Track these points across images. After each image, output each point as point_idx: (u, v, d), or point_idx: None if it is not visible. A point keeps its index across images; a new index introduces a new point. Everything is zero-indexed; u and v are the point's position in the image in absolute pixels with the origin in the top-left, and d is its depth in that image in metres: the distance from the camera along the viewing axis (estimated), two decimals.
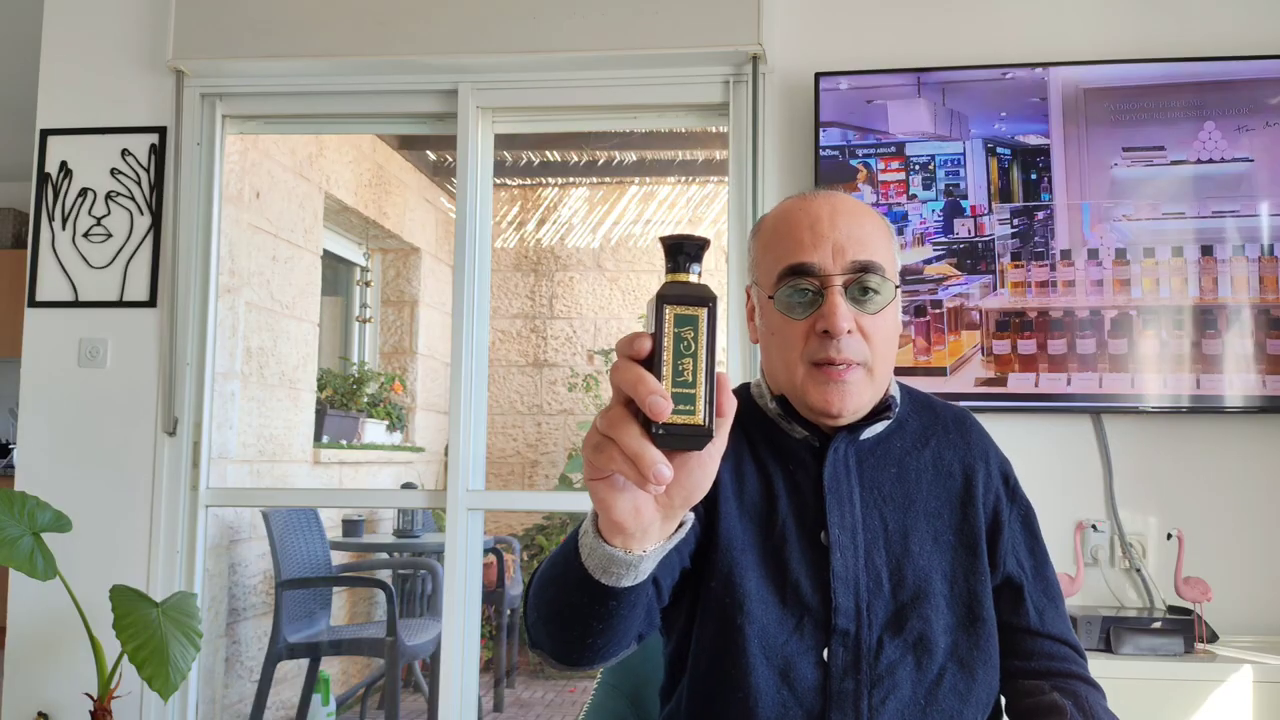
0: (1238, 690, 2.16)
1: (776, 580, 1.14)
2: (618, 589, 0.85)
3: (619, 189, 6.13)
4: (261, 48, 2.81)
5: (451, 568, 2.75)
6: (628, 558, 0.80)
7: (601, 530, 0.79)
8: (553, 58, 2.75)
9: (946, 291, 2.57)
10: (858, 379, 1.14)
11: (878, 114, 2.63)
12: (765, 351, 1.22)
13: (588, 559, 0.83)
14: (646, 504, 0.75)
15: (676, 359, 0.69)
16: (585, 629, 0.93)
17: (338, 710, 3.91)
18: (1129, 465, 2.55)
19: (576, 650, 0.97)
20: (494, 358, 6.04)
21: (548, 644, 1.00)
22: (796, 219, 1.18)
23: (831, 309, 1.12)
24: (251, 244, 3.81)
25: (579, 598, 0.88)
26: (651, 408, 0.67)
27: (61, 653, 2.77)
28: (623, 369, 0.69)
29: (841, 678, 1.12)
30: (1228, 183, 2.51)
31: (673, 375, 0.69)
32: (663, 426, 0.68)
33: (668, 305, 0.69)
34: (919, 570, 1.16)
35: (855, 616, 1.13)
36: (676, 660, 1.21)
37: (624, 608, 0.89)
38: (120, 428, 2.83)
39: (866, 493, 1.19)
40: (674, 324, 0.69)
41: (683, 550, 1.12)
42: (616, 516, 0.75)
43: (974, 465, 1.23)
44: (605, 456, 0.70)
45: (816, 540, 1.16)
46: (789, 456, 1.21)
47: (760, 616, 1.12)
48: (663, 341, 0.69)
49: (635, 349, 0.69)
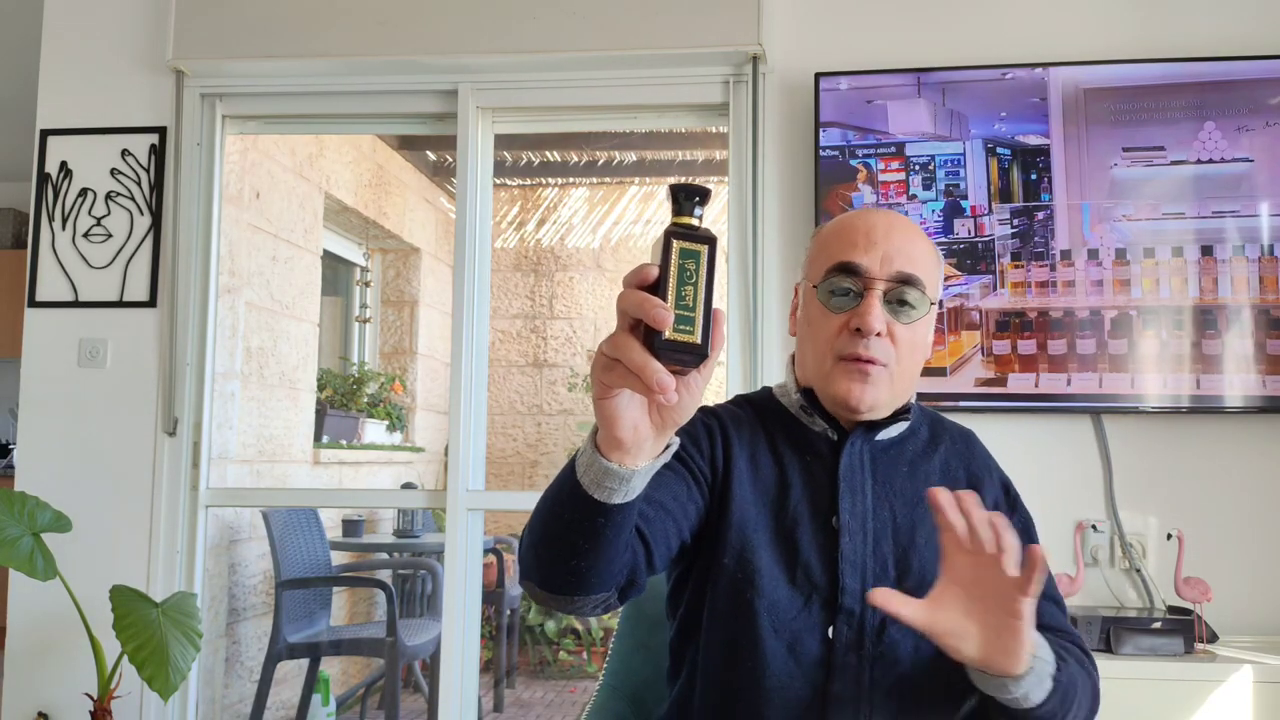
0: (1238, 690, 2.16)
1: (787, 560, 1.21)
2: (608, 505, 0.91)
3: (619, 189, 6.13)
4: (261, 48, 2.81)
5: (451, 568, 2.75)
6: (622, 471, 0.87)
7: (600, 446, 0.87)
8: (553, 58, 2.75)
9: (946, 292, 2.57)
10: (880, 377, 1.21)
11: (878, 114, 2.63)
12: (801, 343, 1.30)
13: (584, 474, 0.90)
14: (644, 421, 0.84)
15: (680, 285, 0.77)
16: (571, 548, 0.98)
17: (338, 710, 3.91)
18: (1129, 465, 2.55)
19: (560, 574, 1.01)
20: (494, 358, 6.04)
21: (535, 568, 1.04)
22: (855, 224, 1.26)
23: (867, 309, 1.20)
24: (251, 244, 3.81)
25: (570, 513, 0.94)
26: (655, 318, 0.75)
27: (61, 653, 2.77)
28: (629, 294, 0.77)
29: (845, 653, 1.18)
30: (1228, 183, 2.51)
31: (675, 300, 0.77)
32: (663, 341, 0.76)
33: (675, 239, 0.77)
34: (924, 560, 1.22)
35: (861, 598, 1.19)
36: (684, 634, 1.26)
37: (610, 529, 0.94)
38: (120, 428, 2.83)
39: (879, 486, 1.25)
40: (679, 256, 0.77)
41: (681, 523, 1.18)
42: (619, 432, 0.83)
43: (979, 475, 1.31)
44: (614, 374, 0.78)
45: (828, 525, 1.22)
46: (806, 448, 1.27)
47: (770, 592, 1.19)
48: (668, 270, 0.77)
49: (642, 275, 0.78)
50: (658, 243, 0.78)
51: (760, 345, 2.63)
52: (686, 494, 1.19)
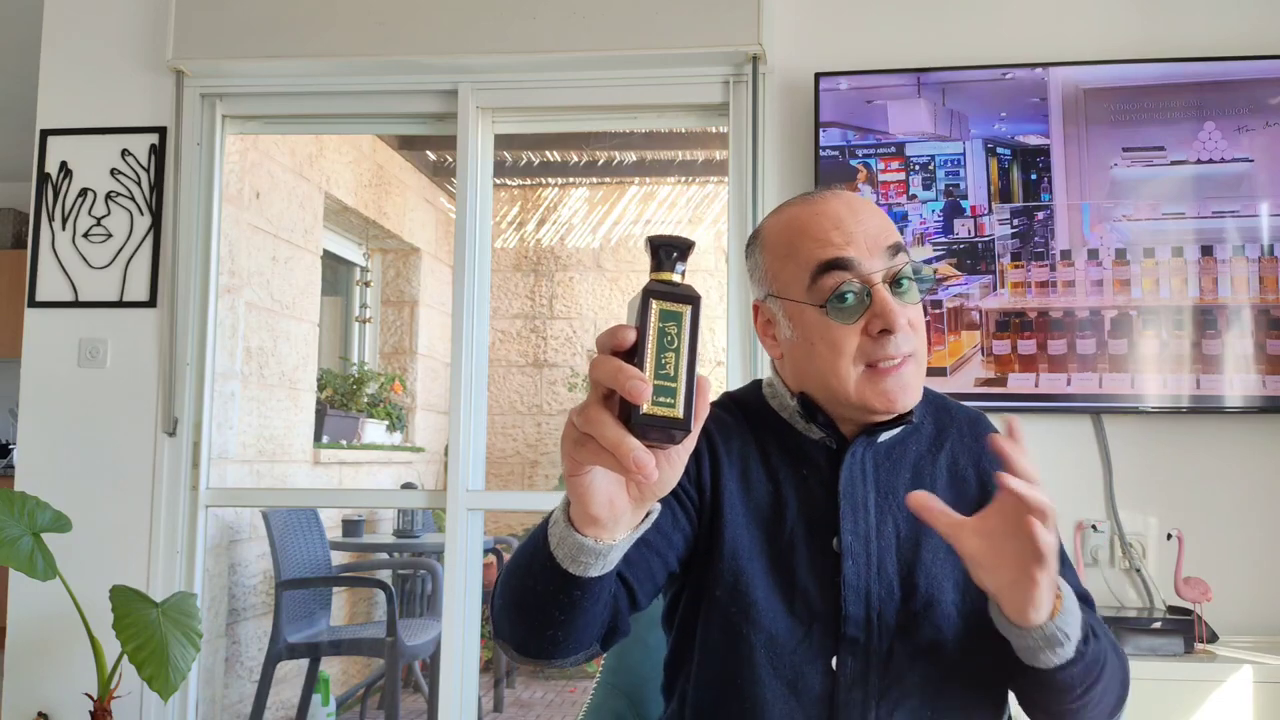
0: (1238, 690, 2.15)
1: (784, 588, 1.12)
2: (584, 579, 0.86)
3: (619, 189, 6.13)
4: (261, 48, 2.81)
5: (451, 568, 2.75)
6: (598, 547, 0.82)
7: (574, 520, 0.81)
8: (553, 58, 2.75)
9: (946, 292, 2.57)
10: (911, 371, 1.12)
11: (878, 114, 2.63)
12: (800, 363, 1.15)
13: (557, 548, 0.85)
14: (620, 496, 0.78)
15: (659, 352, 0.70)
16: (547, 619, 0.93)
17: (338, 710, 3.91)
18: (1129, 465, 2.55)
19: (535, 641, 0.97)
20: (494, 358, 6.04)
21: (509, 632, 1.00)
22: (813, 220, 1.14)
23: (886, 307, 1.09)
24: (251, 244, 3.81)
25: (544, 585, 0.89)
26: (631, 391, 0.68)
27: (61, 653, 2.77)
28: (603, 362, 0.70)
29: (850, 687, 1.10)
30: (1228, 183, 2.51)
31: (655, 368, 0.70)
32: (642, 416, 0.69)
33: (654, 299, 0.71)
34: (931, 578, 1.13)
35: (865, 625, 1.11)
36: (676, 662, 1.20)
37: (587, 599, 0.90)
38: (120, 428, 2.83)
39: (881, 498, 1.16)
40: (659, 318, 0.71)
41: (667, 556, 1.11)
42: (593, 510, 0.78)
43: (988, 469, 1.20)
44: (586, 450, 0.71)
45: (827, 547, 1.13)
46: (802, 459, 1.18)
47: (768, 625, 1.11)
48: (647, 334, 0.70)
49: (617, 340, 0.70)
50: (635, 301, 0.72)
51: (759, 351, 2.62)
52: (672, 523, 1.11)
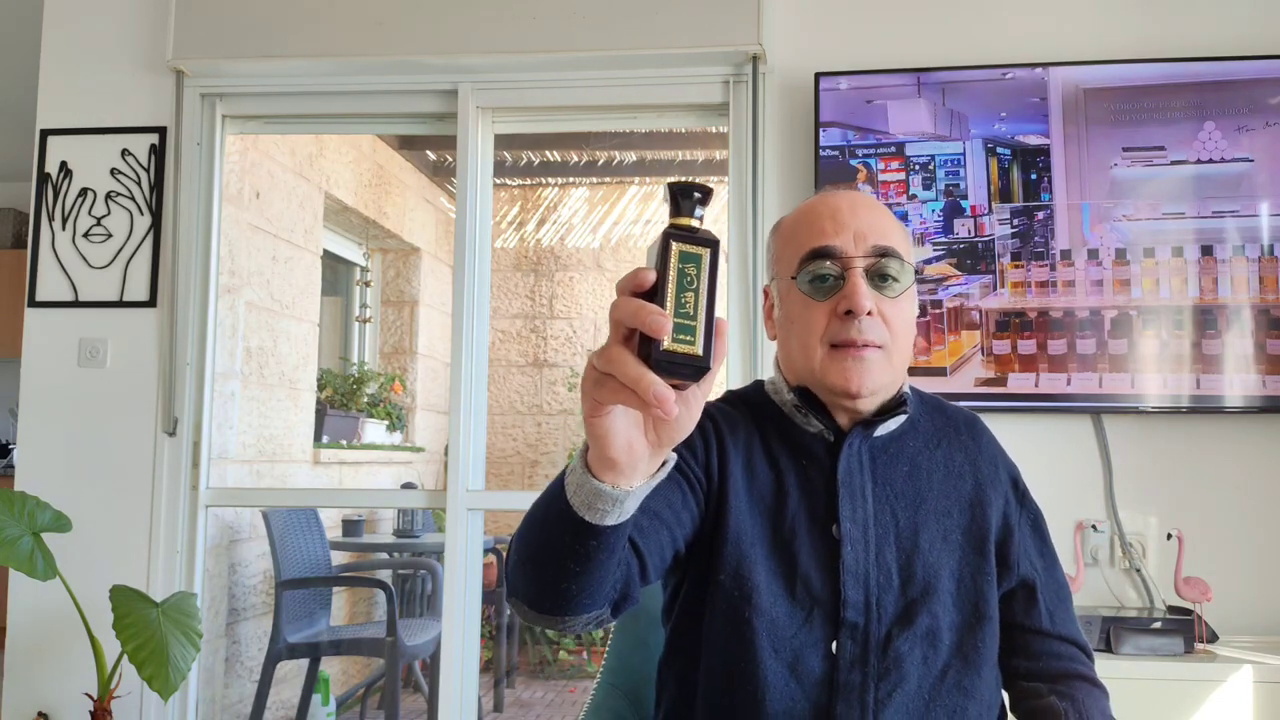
0: (1238, 690, 2.16)
1: (785, 573, 1.16)
2: (599, 527, 0.86)
3: (619, 189, 6.13)
4: (261, 48, 2.81)
5: (451, 568, 2.75)
6: (615, 493, 0.81)
7: (591, 466, 0.81)
8: (553, 58, 2.75)
9: (946, 292, 2.57)
10: (876, 359, 1.17)
11: (878, 114, 2.63)
12: (784, 342, 1.25)
13: (574, 495, 0.85)
14: (639, 439, 0.78)
15: (679, 292, 0.71)
16: (562, 570, 0.93)
17: (338, 710, 3.91)
18: (1129, 465, 2.55)
19: (550, 596, 0.97)
20: (494, 358, 6.04)
21: (522, 587, 1.00)
22: (817, 211, 1.22)
23: (853, 289, 1.15)
24: (251, 244, 3.81)
25: (560, 535, 0.89)
26: (652, 325, 0.68)
27: (61, 653, 2.77)
28: (624, 301, 0.71)
29: (849, 670, 1.13)
30: (1228, 183, 2.51)
31: (675, 307, 0.70)
32: (662, 353, 0.69)
33: (674, 242, 0.71)
34: (928, 566, 1.18)
35: (864, 610, 1.15)
36: (673, 653, 1.23)
37: (602, 552, 0.90)
38: (120, 428, 2.83)
39: (879, 489, 1.20)
40: (679, 259, 0.71)
41: (676, 533, 1.13)
42: (612, 452, 0.77)
43: (984, 469, 1.26)
44: (606, 389, 0.71)
45: (828, 534, 1.17)
46: (802, 451, 1.22)
47: (769, 610, 1.14)
48: (667, 275, 0.71)
49: (637, 281, 0.71)
50: (655, 245, 0.73)
51: (760, 345, 2.63)
52: (681, 501, 1.14)
